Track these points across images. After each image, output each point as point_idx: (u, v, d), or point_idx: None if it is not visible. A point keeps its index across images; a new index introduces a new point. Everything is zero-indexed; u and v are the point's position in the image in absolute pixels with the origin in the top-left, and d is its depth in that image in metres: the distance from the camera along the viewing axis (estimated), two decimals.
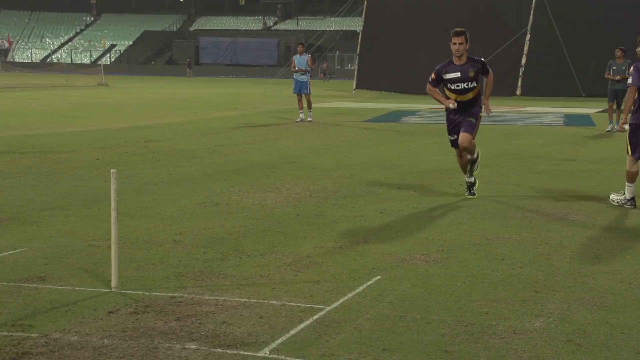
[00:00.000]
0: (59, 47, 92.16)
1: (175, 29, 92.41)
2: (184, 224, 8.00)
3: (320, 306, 5.29)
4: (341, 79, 70.18)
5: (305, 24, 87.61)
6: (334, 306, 5.31)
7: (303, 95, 22.41)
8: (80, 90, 41.55)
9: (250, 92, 42.35)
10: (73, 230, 7.57)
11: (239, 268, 6.27)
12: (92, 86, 47.17)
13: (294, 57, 23.29)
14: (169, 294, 5.52)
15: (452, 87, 9.62)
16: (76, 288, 5.63)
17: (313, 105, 23.00)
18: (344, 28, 78.47)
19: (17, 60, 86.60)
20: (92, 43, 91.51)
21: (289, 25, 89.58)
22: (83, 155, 13.62)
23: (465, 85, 9.57)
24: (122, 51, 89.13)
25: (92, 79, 53.11)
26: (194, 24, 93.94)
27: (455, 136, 9.83)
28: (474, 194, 9.83)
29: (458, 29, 9.46)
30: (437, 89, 9.83)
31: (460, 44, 9.45)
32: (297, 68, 22.52)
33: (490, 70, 9.71)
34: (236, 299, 5.43)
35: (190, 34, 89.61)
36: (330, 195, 9.91)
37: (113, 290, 5.53)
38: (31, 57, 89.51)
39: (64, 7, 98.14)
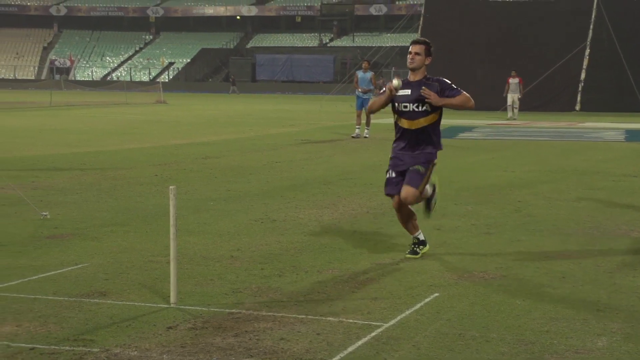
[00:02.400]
0: (119, 66, 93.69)
1: (232, 46, 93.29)
2: (241, 240, 8.04)
3: (378, 323, 5.27)
4: None
5: (361, 40, 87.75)
6: (391, 323, 5.27)
7: (364, 111, 22.43)
8: (139, 108, 42.16)
9: (306, 108, 42.50)
10: (133, 246, 7.66)
11: (296, 284, 6.27)
12: (150, 103, 47.83)
13: (357, 72, 23.30)
14: (227, 310, 5.54)
15: (399, 108, 7.59)
16: (136, 303, 5.68)
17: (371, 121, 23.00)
18: (399, 44, 78.25)
19: (79, 79, 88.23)
20: (150, 61, 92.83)
21: (344, 41, 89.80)
22: (142, 172, 13.80)
23: (414, 107, 7.43)
24: (180, 69, 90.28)
25: (151, 97, 53.85)
26: (250, 41, 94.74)
27: (393, 179, 7.68)
28: (416, 253, 7.39)
29: (419, 39, 7.59)
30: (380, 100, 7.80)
31: (417, 54, 7.39)
32: (359, 86, 22.52)
33: (462, 92, 7.46)
34: (293, 315, 5.43)
35: (247, 51, 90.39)
36: (386, 211, 9.86)
37: (172, 305, 5.58)
38: (92, 75, 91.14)
39: (124, 26, 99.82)
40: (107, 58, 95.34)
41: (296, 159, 16.38)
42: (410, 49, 7.48)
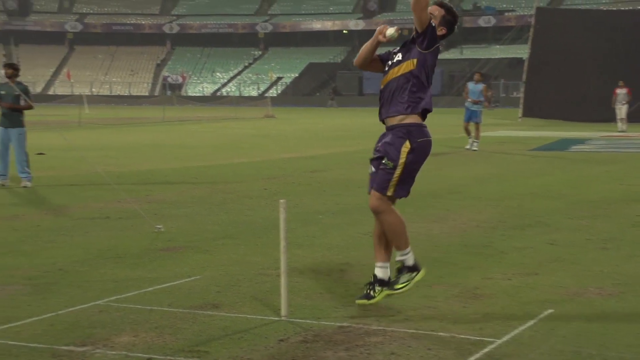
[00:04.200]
0: (229, 81, 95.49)
1: (339, 60, 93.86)
2: (351, 253, 8.04)
3: (491, 339, 5.17)
4: (506, 107, 68.95)
5: (469, 52, 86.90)
6: (504, 339, 5.17)
7: (472, 123, 22.20)
8: (248, 122, 42.83)
9: None
10: (243, 259, 7.76)
11: (406, 298, 6.22)
12: (259, 118, 48.52)
13: (467, 83, 23.10)
14: (337, 324, 5.54)
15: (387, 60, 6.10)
16: (248, 316, 5.75)
17: (480, 134, 22.73)
18: (508, 56, 77.23)
19: (190, 94, 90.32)
20: (259, 76, 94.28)
21: (452, 54, 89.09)
22: (251, 186, 13.99)
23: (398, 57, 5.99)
24: (288, 83, 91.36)
25: (260, 111, 54.63)
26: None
27: (371, 174, 6.23)
28: (369, 297, 5.87)
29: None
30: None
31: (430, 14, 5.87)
32: (469, 97, 22.33)
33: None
34: (404, 330, 5.39)
35: (354, 65, 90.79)
36: (497, 225, 9.71)
37: (283, 318, 5.62)
38: (202, 91, 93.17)
39: (234, 42, 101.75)
40: (217, 74, 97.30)
41: None
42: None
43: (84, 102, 56.71)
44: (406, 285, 5.87)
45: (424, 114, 5.99)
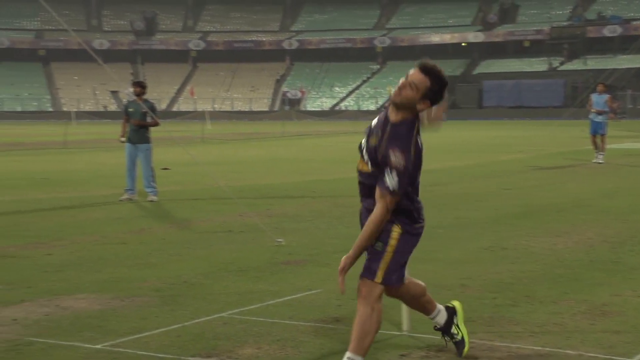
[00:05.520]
0: (347, 95, 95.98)
1: (458, 73, 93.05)
2: (471, 268, 7.93)
3: (621, 358, 4.99)
4: (634, 118, 66.87)
5: (594, 63, 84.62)
6: (636, 359, 4.98)
7: (598, 135, 21.61)
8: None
9: (535, 134, 41.47)
10: None
11: (530, 315, 6.08)
12: None
13: (591, 95, 22.53)
14: None
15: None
16: None
17: (605, 146, 22.10)
18: (636, 65, 74.79)
19: (309, 109, 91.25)
20: (377, 90, 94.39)
21: (575, 65, 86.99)
22: None
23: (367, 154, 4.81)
24: None
25: None
26: (477, 68, 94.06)
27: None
28: (459, 344, 5.20)
29: (427, 64, 4.58)
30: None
31: (411, 85, 4.56)
32: (593, 107, 21.77)
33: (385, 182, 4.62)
34: (530, 347, 5.26)
35: (474, 78, 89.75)
36: (625, 240, 9.39)
37: (404, 333, 5.58)
38: (321, 106, 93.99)
39: (352, 57, 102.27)
40: (336, 88, 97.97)
41: (526, 185, 15.98)
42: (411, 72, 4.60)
43: (207, 118, 58.12)
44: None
45: None
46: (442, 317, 5.17)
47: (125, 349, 5.35)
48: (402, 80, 4.56)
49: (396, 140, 4.55)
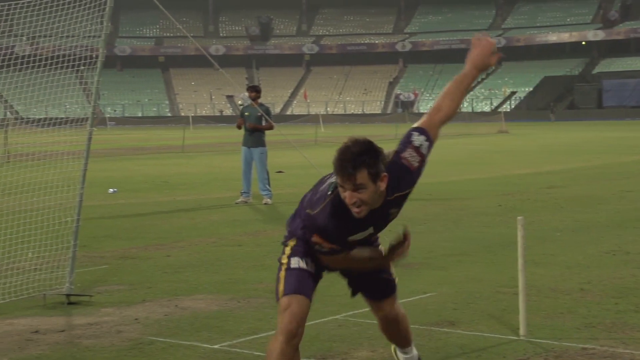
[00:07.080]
0: None
1: (576, 72, 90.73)
2: (592, 272, 7.71)
3: None
4: None
5: None
6: None
7: None
8: (481, 138, 42.35)
9: None
10: (479, 276, 7.65)
11: None
12: (492, 133, 47.82)
13: None
14: (580, 345, 5.32)
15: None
16: (485, 334, 5.65)
17: None
18: None
19: (422, 111, 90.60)
20: (492, 91, 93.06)
21: None
22: (485, 202, 13.79)
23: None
24: (522, 98, 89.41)
25: (493, 127, 53.82)
26: (596, 67, 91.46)
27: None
28: None
29: (351, 151, 4.40)
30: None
31: (360, 188, 4.16)
32: None
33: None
34: None
35: (593, 77, 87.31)
36: None
37: (522, 338, 5.47)
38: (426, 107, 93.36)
39: (464, 58, 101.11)
40: None
41: None
42: (341, 179, 4.13)
43: (320, 121, 58.52)
44: None
45: None
46: None
47: (242, 349, 5.44)
48: (348, 199, 4.04)
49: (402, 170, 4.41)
